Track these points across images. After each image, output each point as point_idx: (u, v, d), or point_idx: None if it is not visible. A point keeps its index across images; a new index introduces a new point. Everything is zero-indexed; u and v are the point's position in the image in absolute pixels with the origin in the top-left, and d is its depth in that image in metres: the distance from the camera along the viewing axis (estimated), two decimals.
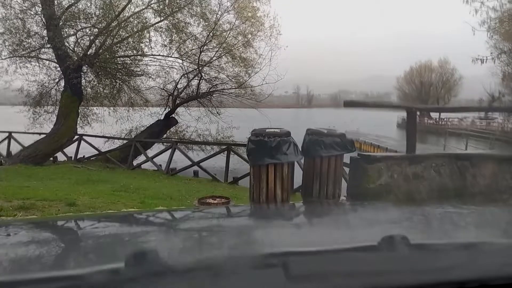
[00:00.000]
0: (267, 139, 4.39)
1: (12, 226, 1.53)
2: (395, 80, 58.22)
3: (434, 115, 44.20)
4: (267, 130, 4.53)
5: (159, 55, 14.40)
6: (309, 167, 4.81)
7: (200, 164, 12.46)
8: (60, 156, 14.16)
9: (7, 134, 15.57)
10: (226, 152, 12.40)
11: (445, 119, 42.41)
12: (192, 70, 14.66)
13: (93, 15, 13.49)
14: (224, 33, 13.95)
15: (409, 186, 4.78)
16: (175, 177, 12.18)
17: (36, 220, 2.88)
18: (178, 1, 13.57)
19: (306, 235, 1.24)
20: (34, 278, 0.74)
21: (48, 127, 14.22)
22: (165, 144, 13.89)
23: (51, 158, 13.61)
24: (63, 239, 1.29)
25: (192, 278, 0.74)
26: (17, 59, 13.68)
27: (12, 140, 15.41)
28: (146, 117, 15.33)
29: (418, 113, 5.65)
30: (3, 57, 13.49)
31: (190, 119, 15.42)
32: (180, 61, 14.67)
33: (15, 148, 14.84)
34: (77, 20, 13.46)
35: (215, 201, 5.20)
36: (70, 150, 14.19)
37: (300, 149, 4.69)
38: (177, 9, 13.59)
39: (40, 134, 14.16)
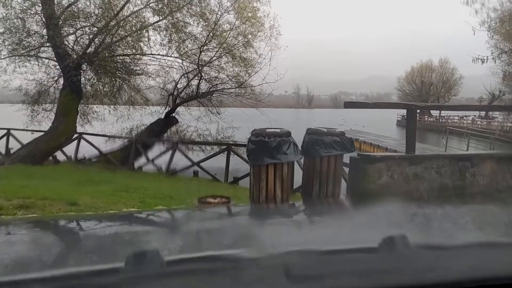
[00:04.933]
0: (267, 139, 4.39)
1: (13, 225, 1.53)
2: (396, 80, 58.33)
3: (435, 113, 44.44)
4: (267, 130, 4.52)
5: (158, 54, 14.41)
6: (309, 167, 4.81)
7: (200, 164, 12.47)
8: (60, 156, 14.13)
9: (5, 132, 15.52)
10: (226, 152, 12.42)
11: (445, 117, 42.73)
12: (192, 70, 14.67)
13: (92, 14, 13.50)
14: (224, 33, 13.95)
15: (409, 186, 4.79)
16: (175, 177, 12.19)
17: (37, 219, 2.89)
18: (177, 0, 13.58)
19: (306, 235, 1.24)
20: (34, 277, 0.74)
21: (46, 125, 14.19)
22: (165, 143, 13.93)
23: (51, 158, 13.58)
24: (64, 238, 1.29)
25: (192, 278, 0.74)
26: (16, 58, 13.68)
27: (10, 138, 15.41)
28: (146, 116, 15.34)
29: (418, 111, 5.64)
30: (2, 57, 13.50)
31: (190, 118, 15.43)
32: (179, 60, 14.69)
33: (14, 146, 14.84)
34: (76, 19, 13.47)
35: (215, 201, 5.20)
36: (70, 149, 14.16)
37: (300, 149, 4.69)
38: (176, 9, 13.59)
39: (33, 132, 14.13)
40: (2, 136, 15.58)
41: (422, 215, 1.54)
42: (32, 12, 13.22)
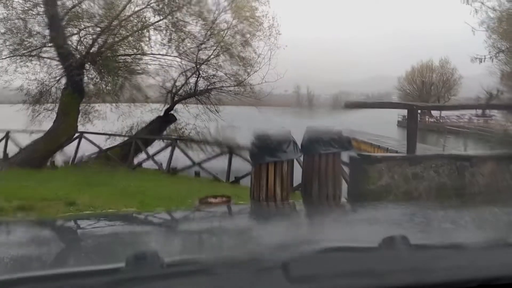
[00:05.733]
0: (268, 139, 4.47)
1: (13, 226, 1.53)
2: (396, 80, 58.18)
3: (435, 113, 44.47)
4: (268, 131, 4.61)
5: (158, 54, 14.46)
6: (309, 165, 4.83)
7: (201, 164, 12.47)
8: (59, 157, 14.03)
9: (4, 134, 15.29)
10: (228, 153, 12.39)
11: (445, 117, 42.84)
12: (190, 68, 14.72)
13: (96, 15, 13.56)
14: (222, 32, 13.97)
15: (408, 187, 4.80)
16: (176, 176, 12.19)
17: (36, 220, 2.89)
18: (177, 0, 13.62)
19: (306, 234, 1.24)
20: (34, 277, 0.74)
21: (47, 126, 14.13)
22: (165, 141, 13.94)
23: (48, 163, 13.37)
24: (63, 238, 1.29)
25: (192, 279, 0.74)
26: (17, 58, 13.67)
27: (10, 141, 15.27)
28: (147, 113, 15.40)
29: (419, 111, 5.66)
30: (3, 57, 13.49)
31: (189, 116, 15.45)
32: (178, 59, 14.75)
33: (13, 149, 14.73)
34: (80, 20, 13.52)
35: (216, 200, 5.20)
36: (70, 149, 14.12)
37: (300, 147, 4.74)
38: (176, 9, 13.65)
39: (32, 133, 14.06)
40: (1, 139, 15.44)
41: (422, 215, 1.54)
42: (34, 13, 13.23)
